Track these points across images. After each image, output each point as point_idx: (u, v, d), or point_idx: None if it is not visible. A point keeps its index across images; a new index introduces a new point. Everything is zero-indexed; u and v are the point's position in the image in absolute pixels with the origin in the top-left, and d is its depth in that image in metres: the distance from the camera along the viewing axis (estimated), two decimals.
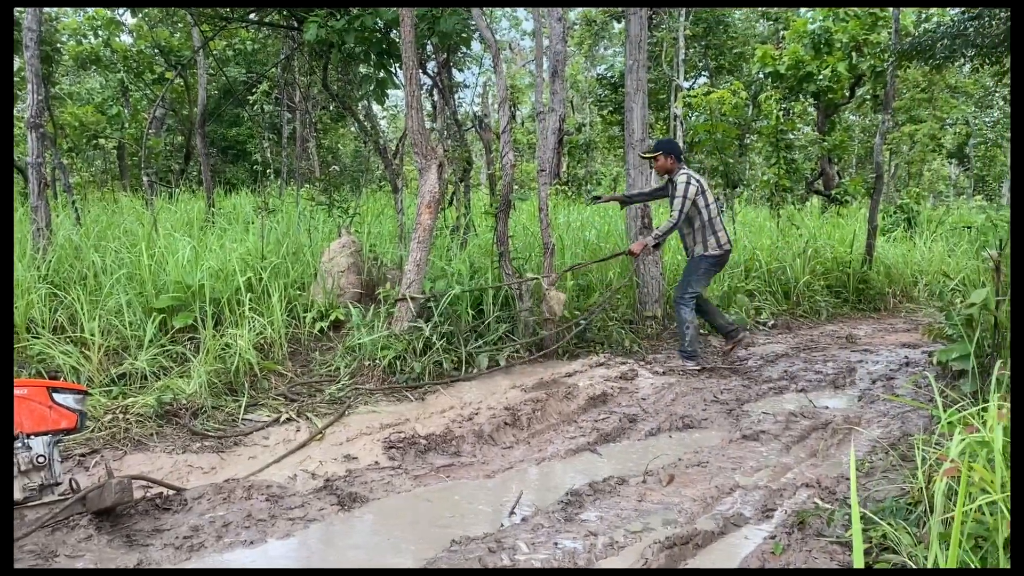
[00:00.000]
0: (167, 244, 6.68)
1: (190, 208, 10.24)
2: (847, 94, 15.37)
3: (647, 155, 6.80)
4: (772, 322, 8.72)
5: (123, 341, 5.32)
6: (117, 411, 4.53)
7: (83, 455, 4.10)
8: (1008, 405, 2.61)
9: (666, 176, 6.73)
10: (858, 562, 1.16)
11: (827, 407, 5.46)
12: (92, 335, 5.05)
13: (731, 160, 12.82)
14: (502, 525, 3.47)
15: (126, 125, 16.01)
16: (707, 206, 6.50)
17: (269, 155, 17.86)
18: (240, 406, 4.92)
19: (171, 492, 3.65)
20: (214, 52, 14.83)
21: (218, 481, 3.84)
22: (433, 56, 8.60)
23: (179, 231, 7.48)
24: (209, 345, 5.20)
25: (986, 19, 6.75)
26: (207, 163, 10.57)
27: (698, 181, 6.45)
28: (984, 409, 2.85)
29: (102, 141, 17.20)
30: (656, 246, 6.92)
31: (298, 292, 6.51)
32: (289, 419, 4.82)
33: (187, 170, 17.37)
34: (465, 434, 4.65)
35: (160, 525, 3.36)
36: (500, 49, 7.06)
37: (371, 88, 7.41)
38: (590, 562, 3.09)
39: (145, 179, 9.82)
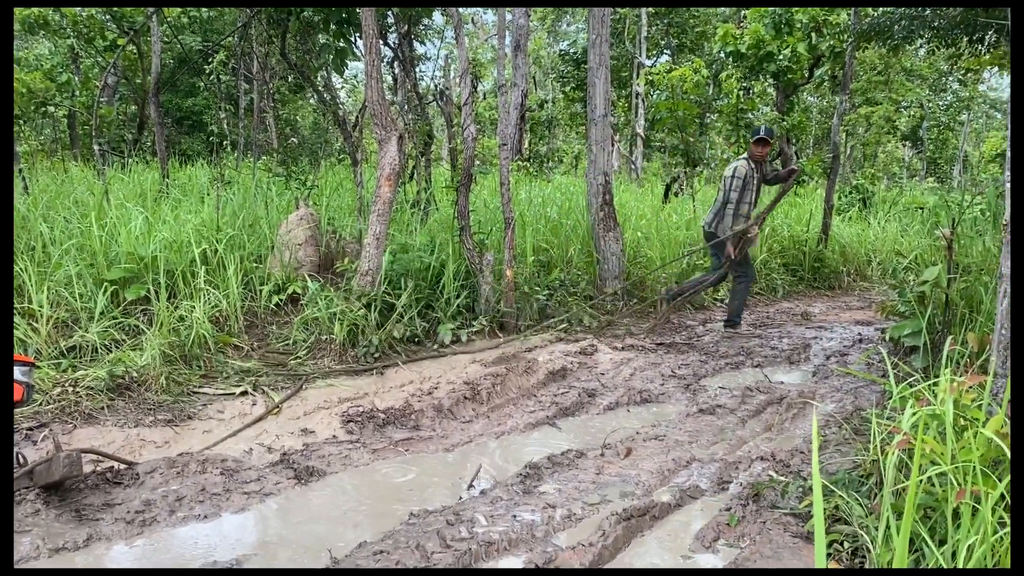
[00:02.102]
0: (119, 215, 6.51)
1: (144, 179, 9.98)
2: (806, 75, 15.50)
3: (774, 139, 7.08)
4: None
5: (73, 313, 5.18)
6: (67, 384, 4.42)
7: (31, 429, 3.99)
8: (961, 379, 2.66)
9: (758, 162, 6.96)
10: (819, 544, 1.17)
11: (782, 382, 5.55)
12: (40, 307, 4.91)
13: (692, 139, 12.88)
14: (461, 498, 3.47)
15: (76, 93, 15.52)
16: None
17: (226, 126, 17.48)
18: (195, 379, 4.83)
19: (122, 466, 3.58)
20: (168, 19, 14.42)
21: (172, 455, 3.78)
22: (394, 27, 8.46)
23: (132, 202, 7.29)
24: (163, 318, 5.09)
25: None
26: (161, 133, 10.30)
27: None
28: (935, 383, 2.91)
29: (51, 109, 16.67)
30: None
31: (255, 265, 6.40)
32: (245, 393, 4.75)
33: (141, 140, 16.93)
34: (424, 408, 4.63)
35: (111, 499, 3.29)
36: (463, 22, 6.96)
37: (330, 58, 7.26)
38: (548, 534, 3.10)
39: (96, 148, 9.54)
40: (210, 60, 14.62)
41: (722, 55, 15.27)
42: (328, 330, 5.58)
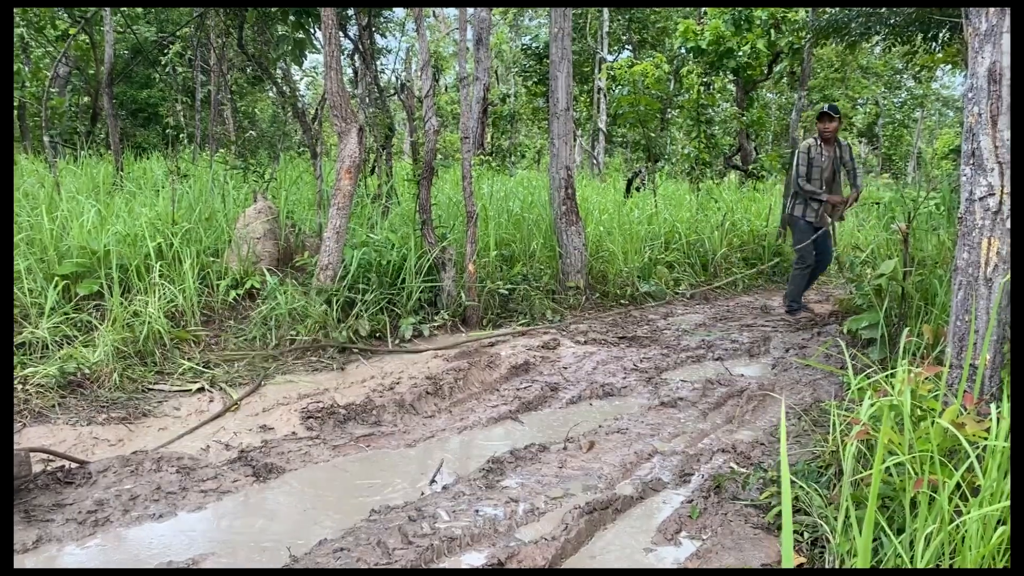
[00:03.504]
0: (71, 208, 6.34)
1: (97, 171, 9.74)
2: (765, 71, 15.69)
3: (837, 114, 7.15)
4: (690, 293, 8.88)
5: (23, 309, 5.03)
6: (16, 382, 4.29)
7: None
8: (922, 371, 2.70)
9: (825, 140, 7.17)
10: (787, 539, 1.16)
11: (743, 375, 5.60)
12: None
13: (653, 134, 12.96)
14: (423, 494, 3.44)
15: (26, 83, 15.11)
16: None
17: (182, 118, 17.16)
18: (150, 376, 4.73)
19: (74, 465, 3.48)
20: (121, 9, 14.09)
21: (125, 453, 3.69)
22: (355, 19, 8.36)
23: (84, 195, 7.10)
24: (116, 313, 4.97)
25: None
26: (115, 125, 10.06)
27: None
28: (892, 375, 2.94)
29: None
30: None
31: (212, 259, 6.28)
32: (202, 389, 4.66)
33: (94, 132, 16.55)
34: (386, 403, 4.58)
35: (62, 500, 3.20)
36: (424, 15, 6.90)
37: (288, 49, 7.16)
38: (511, 528, 3.09)
39: (47, 140, 9.29)
40: (166, 51, 14.34)
41: (683, 51, 15.40)
42: (289, 325, 5.50)
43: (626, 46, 23.24)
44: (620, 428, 4.36)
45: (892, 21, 7.18)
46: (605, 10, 20.71)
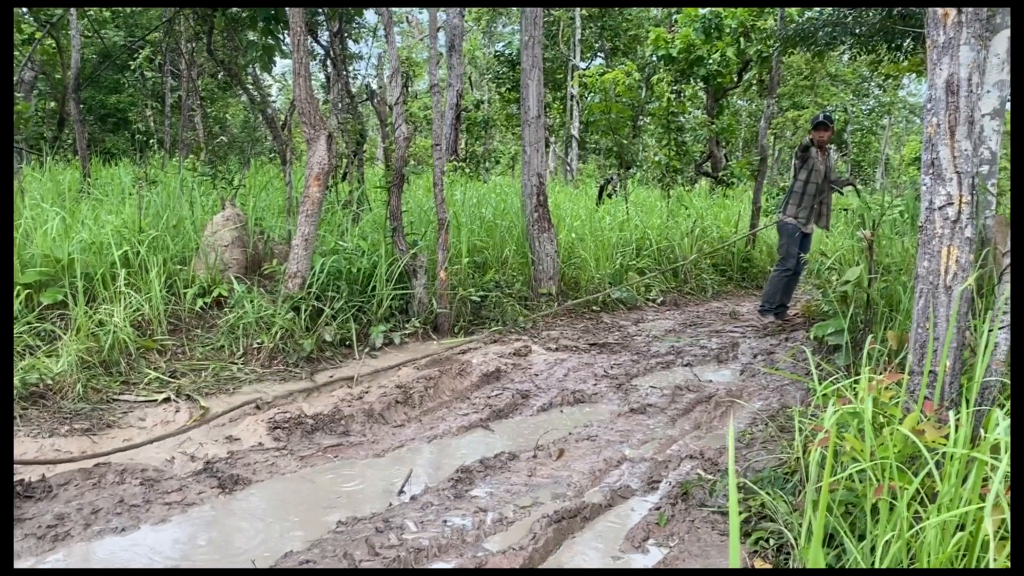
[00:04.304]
0: (35, 215, 6.24)
1: (63, 178, 9.60)
2: (735, 79, 15.85)
3: (832, 123, 7.32)
4: (661, 299, 8.93)
5: None
6: None
7: None
8: (880, 378, 2.73)
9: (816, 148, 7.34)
10: (734, 536, 1.17)
11: (711, 381, 5.64)
12: None
13: (625, 141, 13.02)
14: (391, 504, 3.42)
15: None
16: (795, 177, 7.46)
17: (152, 124, 16.96)
18: (115, 386, 4.66)
19: (33, 479, 3.42)
20: (89, 13, 13.93)
21: (88, 466, 3.63)
22: (325, 25, 8.32)
23: (49, 202, 6.99)
24: (80, 322, 4.89)
25: (863, 8, 7.06)
26: (82, 131, 9.93)
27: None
28: (856, 381, 2.98)
29: None
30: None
31: (179, 267, 6.20)
32: (168, 399, 4.60)
33: (61, 138, 16.32)
34: (355, 413, 4.55)
35: (21, 514, 3.14)
36: (396, 21, 6.88)
37: (257, 55, 7.11)
38: (479, 538, 3.08)
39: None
40: (135, 56, 14.19)
41: (654, 58, 15.53)
42: (256, 334, 5.45)
43: (598, 53, 23.37)
44: (590, 435, 4.37)
45: (857, 31, 7.29)
46: (577, 17, 20.81)
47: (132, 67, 14.38)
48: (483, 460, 3.87)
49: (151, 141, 14.94)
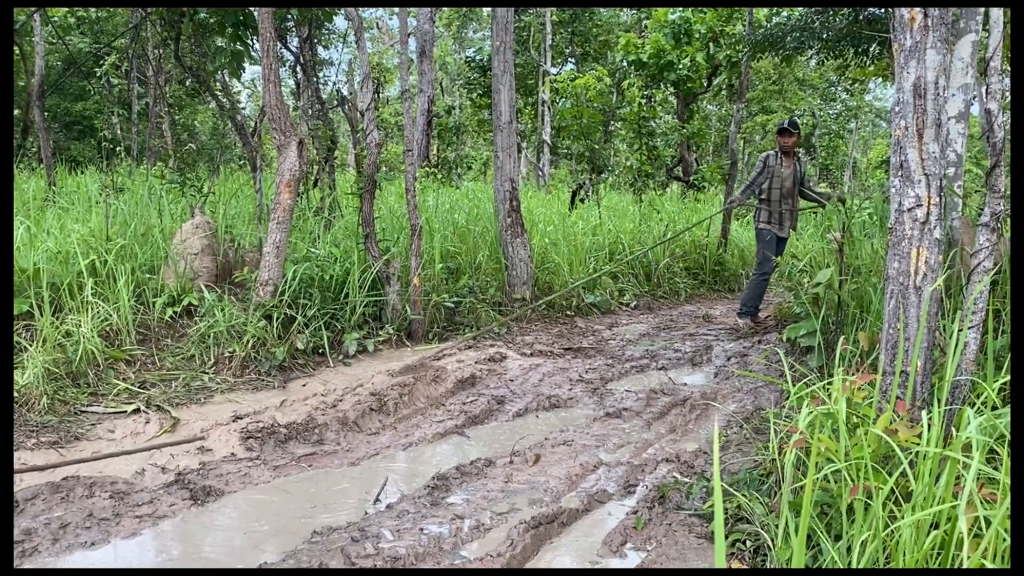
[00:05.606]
0: None
1: (27, 187, 9.43)
2: (705, 83, 16.00)
3: (797, 129, 7.39)
4: (634, 303, 8.97)
5: None
6: None
7: None
8: (854, 379, 2.75)
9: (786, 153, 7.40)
10: (719, 543, 1.17)
11: (686, 384, 5.66)
12: None
13: (597, 146, 13.08)
14: (366, 513, 3.38)
15: None
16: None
17: (119, 131, 16.75)
18: (83, 398, 4.57)
19: None
20: (53, 18, 13.72)
21: (56, 479, 3.55)
22: (295, 30, 8.27)
23: (13, 211, 6.85)
24: (47, 333, 4.80)
25: (830, 14, 7.15)
26: (47, 138, 9.78)
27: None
28: (830, 383, 3.00)
29: None
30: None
31: (148, 276, 6.11)
32: (138, 410, 4.52)
33: (25, 146, 16.04)
34: (329, 421, 4.51)
35: None
36: (367, 27, 6.84)
37: (226, 61, 7.03)
38: (456, 546, 3.05)
39: None
40: (101, 62, 13.99)
41: (624, 64, 15.62)
42: (227, 343, 5.38)
43: (569, 59, 23.45)
44: (566, 440, 4.36)
45: (825, 36, 7.38)
46: (548, 23, 20.88)
47: (98, 74, 14.19)
48: (459, 467, 3.84)
49: (118, 149, 14.73)
